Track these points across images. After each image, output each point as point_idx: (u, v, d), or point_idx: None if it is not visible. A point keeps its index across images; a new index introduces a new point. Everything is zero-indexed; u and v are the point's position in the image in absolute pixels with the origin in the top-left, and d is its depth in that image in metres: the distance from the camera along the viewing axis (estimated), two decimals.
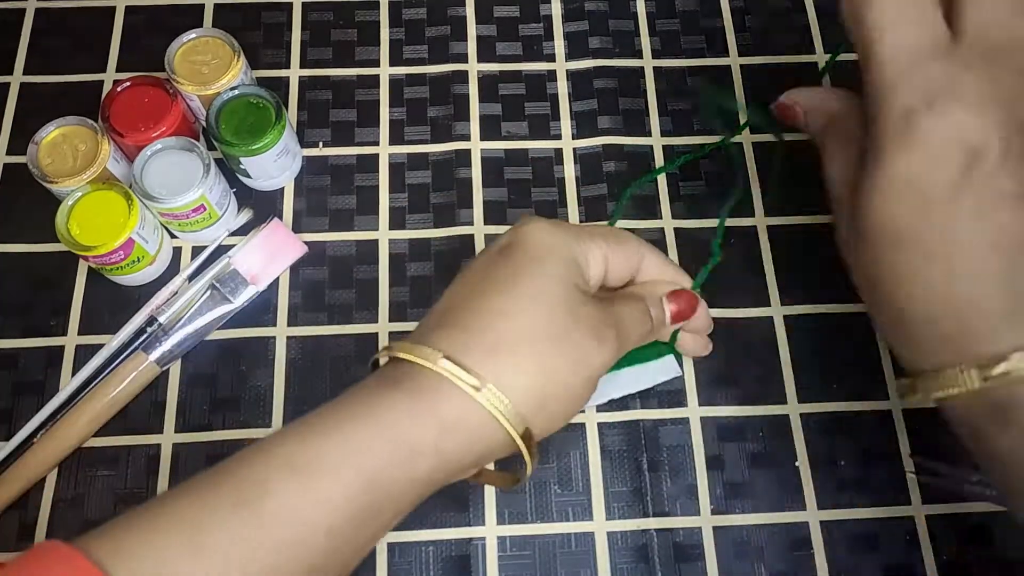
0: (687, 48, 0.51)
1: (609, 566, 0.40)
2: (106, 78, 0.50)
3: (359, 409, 0.31)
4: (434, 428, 0.30)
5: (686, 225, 0.47)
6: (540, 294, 0.32)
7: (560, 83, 0.50)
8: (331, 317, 0.45)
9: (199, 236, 0.45)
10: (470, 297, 0.33)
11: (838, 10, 0.34)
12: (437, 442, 0.30)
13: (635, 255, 0.37)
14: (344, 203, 0.47)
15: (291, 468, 0.29)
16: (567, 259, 0.34)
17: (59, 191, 0.43)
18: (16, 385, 0.43)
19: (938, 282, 0.30)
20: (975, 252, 0.30)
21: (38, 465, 0.41)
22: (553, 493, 0.41)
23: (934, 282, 0.30)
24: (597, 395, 0.39)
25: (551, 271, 0.33)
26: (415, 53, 0.51)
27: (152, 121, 0.44)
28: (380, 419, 0.30)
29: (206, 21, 0.51)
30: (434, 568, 0.40)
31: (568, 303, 0.33)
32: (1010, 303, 0.29)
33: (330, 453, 0.29)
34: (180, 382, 0.43)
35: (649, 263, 0.38)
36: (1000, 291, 0.29)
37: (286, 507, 0.28)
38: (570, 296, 0.33)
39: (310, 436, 0.30)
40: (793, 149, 0.42)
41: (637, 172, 0.48)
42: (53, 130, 0.44)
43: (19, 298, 0.45)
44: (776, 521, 0.41)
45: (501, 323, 0.32)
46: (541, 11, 0.52)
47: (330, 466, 0.29)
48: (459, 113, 0.49)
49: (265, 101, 0.44)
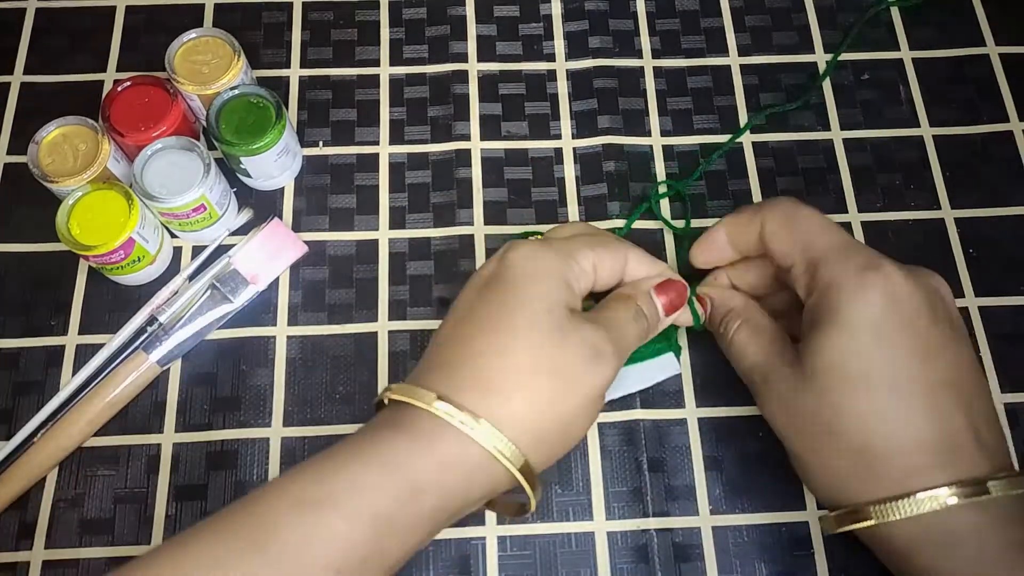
0: (687, 48, 0.51)
1: (609, 566, 0.40)
2: (106, 78, 0.50)
3: (365, 450, 0.31)
4: (434, 467, 0.31)
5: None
6: (529, 327, 0.33)
7: (560, 83, 0.50)
8: (331, 317, 0.45)
9: (199, 236, 0.45)
10: (460, 336, 0.33)
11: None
12: (438, 480, 0.31)
13: (621, 257, 0.37)
14: (344, 203, 0.47)
15: (301, 506, 0.29)
16: (555, 283, 0.34)
17: (59, 191, 0.43)
18: (16, 385, 0.43)
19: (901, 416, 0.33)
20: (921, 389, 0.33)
21: (38, 465, 0.41)
22: (553, 493, 0.41)
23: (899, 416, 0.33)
24: None
25: (538, 301, 0.33)
26: (415, 53, 0.51)
27: (152, 121, 0.44)
28: (384, 459, 0.31)
29: (206, 21, 0.52)
30: (434, 568, 0.40)
31: (559, 331, 0.33)
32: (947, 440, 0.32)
33: (338, 491, 0.30)
34: (180, 382, 0.43)
35: (634, 262, 0.38)
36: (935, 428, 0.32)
37: (296, 546, 0.29)
38: (561, 323, 0.33)
39: (320, 474, 0.31)
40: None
41: (637, 172, 0.48)
42: (53, 130, 0.44)
43: (19, 298, 0.45)
44: (776, 521, 0.41)
45: (492, 361, 0.32)
46: (541, 11, 0.52)
47: (338, 503, 0.30)
48: (459, 113, 0.49)
49: (265, 101, 0.44)
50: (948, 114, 0.50)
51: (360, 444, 0.32)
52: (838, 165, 0.48)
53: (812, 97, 0.50)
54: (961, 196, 0.48)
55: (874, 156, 0.49)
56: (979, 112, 0.50)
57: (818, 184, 0.48)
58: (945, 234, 0.47)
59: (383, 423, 0.33)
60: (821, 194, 0.48)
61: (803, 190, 0.48)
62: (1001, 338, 0.44)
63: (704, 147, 0.49)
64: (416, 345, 0.44)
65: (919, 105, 0.50)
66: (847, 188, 0.48)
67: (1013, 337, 0.44)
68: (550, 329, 0.33)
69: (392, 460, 0.31)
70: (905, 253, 0.46)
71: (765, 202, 0.38)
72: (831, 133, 0.49)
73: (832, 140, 0.49)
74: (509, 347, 0.32)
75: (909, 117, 0.50)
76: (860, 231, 0.47)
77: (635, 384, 0.42)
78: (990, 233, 0.47)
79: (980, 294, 0.45)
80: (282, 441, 0.42)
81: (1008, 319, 0.45)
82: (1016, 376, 0.44)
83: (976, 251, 0.46)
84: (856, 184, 0.48)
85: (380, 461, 0.31)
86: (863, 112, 0.50)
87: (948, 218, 0.47)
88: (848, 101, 0.50)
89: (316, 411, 0.43)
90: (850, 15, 0.52)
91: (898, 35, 0.52)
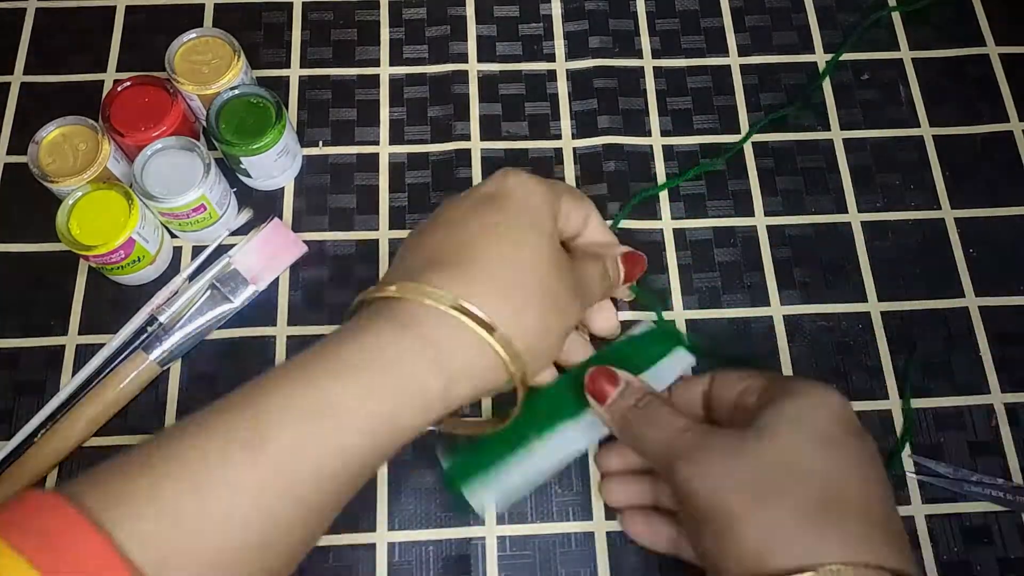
0: (687, 48, 0.51)
1: (609, 566, 0.40)
2: (106, 78, 0.50)
3: (371, 354, 0.30)
4: (444, 377, 0.31)
5: (686, 225, 0.47)
6: (536, 247, 0.33)
7: (560, 83, 0.50)
8: (331, 317, 0.45)
9: (199, 236, 0.45)
10: (465, 241, 0.33)
11: None
12: (447, 390, 0.31)
13: (585, 215, 0.39)
14: (344, 203, 0.47)
15: (299, 412, 0.29)
16: (550, 216, 0.35)
17: (59, 191, 0.43)
18: (16, 385, 0.43)
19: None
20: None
21: (38, 465, 0.40)
22: (553, 493, 0.41)
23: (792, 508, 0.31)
24: None
25: (540, 227, 0.34)
26: (415, 53, 0.51)
27: (152, 121, 0.44)
28: (392, 367, 0.30)
29: (206, 21, 0.52)
30: (434, 568, 0.40)
31: (557, 260, 0.34)
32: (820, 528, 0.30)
33: (343, 398, 0.29)
34: (180, 382, 0.43)
35: (593, 223, 0.39)
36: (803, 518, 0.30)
37: (292, 451, 0.28)
38: (558, 254, 0.34)
39: (318, 378, 0.30)
40: None
41: (637, 172, 0.48)
42: (53, 130, 0.44)
43: (19, 298, 0.45)
44: None
45: (503, 270, 0.32)
46: (541, 11, 0.52)
47: (343, 411, 0.29)
48: (459, 113, 0.49)
49: (265, 101, 0.44)
50: (948, 114, 0.50)
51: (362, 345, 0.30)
52: (838, 165, 0.48)
53: (813, 96, 0.50)
54: (961, 196, 0.48)
55: (874, 156, 0.49)
56: (979, 112, 0.50)
57: (818, 184, 0.48)
58: (945, 234, 0.47)
59: (385, 323, 0.31)
60: (821, 194, 0.48)
61: (803, 190, 0.48)
62: (1001, 338, 0.44)
63: (704, 147, 0.49)
64: None
65: (919, 105, 0.50)
66: (847, 188, 0.48)
67: (1013, 337, 0.44)
68: (553, 256, 0.34)
69: (401, 369, 0.30)
70: (905, 253, 0.46)
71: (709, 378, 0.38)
72: (831, 133, 0.49)
73: (832, 140, 0.49)
74: (521, 260, 0.33)
75: (909, 117, 0.50)
76: (860, 231, 0.47)
77: (659, 385, 0.39)
78: (990, 233, 0.47)
79: (980, 294, 0.45)
80: None
81: (1008, 319, 0.45)
82: (1016, 376, 0.44)
83: (976, 251, 0.46)
84: (856, 184, 0.48)
85: (388, 368, 0.30)
86: (863, 112, 0.50)
87: (948, 218, 0.47)
88: (848, 101, 0.50)
89: None
90: (850, 15, 0.52)
91: (898, 35, 0.52)
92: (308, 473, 0.28)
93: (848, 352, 0.44)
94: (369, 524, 0.40)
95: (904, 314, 0.45)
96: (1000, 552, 0.40)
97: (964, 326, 0.45)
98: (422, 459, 0.41)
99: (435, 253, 0.33)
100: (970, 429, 0.43)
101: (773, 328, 0.44)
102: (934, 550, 0.40)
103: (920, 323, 0.45)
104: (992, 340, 0.44)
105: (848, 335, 0.44)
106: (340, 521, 0.39)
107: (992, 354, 0.44)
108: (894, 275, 0.46)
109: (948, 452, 0.42)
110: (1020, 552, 0.40)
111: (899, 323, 0.45)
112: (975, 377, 0.44)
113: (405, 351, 0.30)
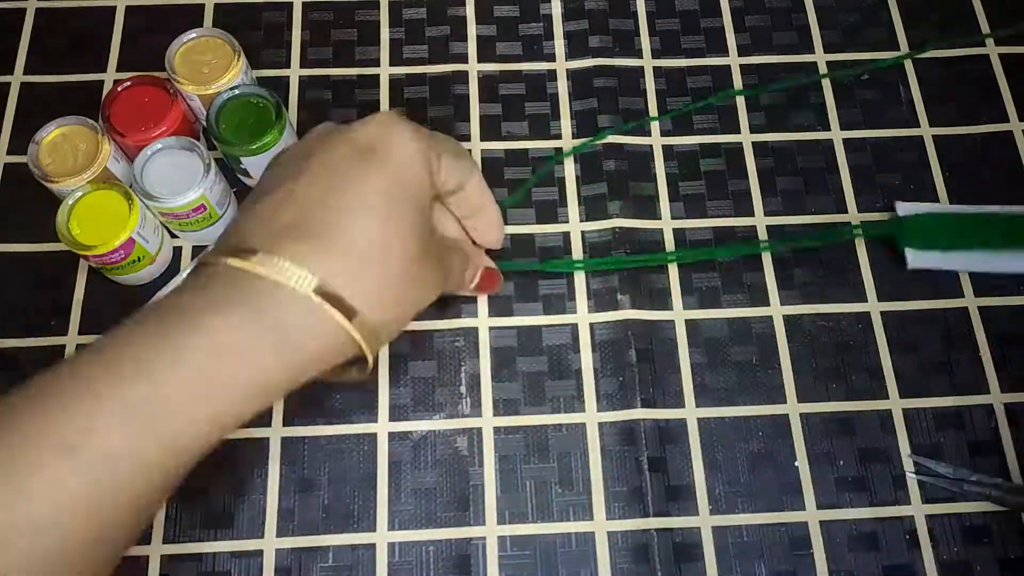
0: (687, 48, 0.51)
1: (609, 566, 0.40)
2: (106, 78, 0.50)
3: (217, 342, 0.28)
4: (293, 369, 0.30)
5: (686, 225, 0.47)
6: (412, 223, 0.33)
7: (560, 83, 0.50)
8: None
9: (199, 236, 0.45)
10: (336, 206, 0.31)
11: None
12: (292, 380, 0.31)
13: (466, 173, 0.38)
14: None
15: (129, 410, 0.26)
16: (430, 183, 0.35)
17: (60, 191, 0.43)
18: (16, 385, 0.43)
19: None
20: None
21: None
22: (553, 493, 0.41)
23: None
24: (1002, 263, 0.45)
25: (417, 199, 0.33)
26: (415, 53, 0.51)
27: (152, 121, 0.44)
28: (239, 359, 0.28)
29: (206, 21, 0.52)
30: (434, 568, 0.40)
31: (426, 230, 0.34)
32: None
33: (177, 394, 0.27)
34: None
35: (473, 183, 0.38)
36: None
37: (118, 450, 0.26)
38: (427, 223, 0.34)
39: (154, 370, 0.27)
40: None
41: (637, 171, 0.48)
42: (53, 130, 0.44)
43: (19, 298, 0.45)
44: (776, 521, 0.41)
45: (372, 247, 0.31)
46: (541, 11, 0.52)
47: (177, 409, 0.27)
48: (459, 113, 0.49)
49: (265, 101, 0.44)
50: (948, 114, 0.50)
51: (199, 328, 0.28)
52: (838, 165, 0.48)
53: (715, 100, 0.50)
54: (961, 196, 0.48)
55: (874, 156, 0.49)
56: (979, 112, 0.50)
57: (818, 184, 0.48)
58: None
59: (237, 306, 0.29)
60: (821, 194, 0.48)
61: (803, 190, 0.48)
62: (1001, 338, 0.44)
63: (703, 147, 0.49)
64: (416, 345, 0.44)
65: (919, 105, 0.50)
66: (847, 188, 0.48)
67: (1013, 337, 0.44)
68: (422, 227, 0.33)
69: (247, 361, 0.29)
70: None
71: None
72: (831, 133, 0.49)
73: (832, 140, 0.49)
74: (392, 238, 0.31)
75: (909, 117, 0.50)
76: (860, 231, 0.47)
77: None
78: None
79: (980, 294, 0.45)
80: (281, 441, 0.42)
81: (1008, 319, 0.45)
82: (1016, 376, 0.44)
83: None
84: (856, 184, 0.48)
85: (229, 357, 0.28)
86: (863, 112, 0.50)
87: None
88: (848, 101, 0.50)
89: (315, 411, 0.43)
90: (850, 15, 0.52)
91: (898, 35, 0.52)
92: (136, 474, 0.27)
93: (848, 352, 0.44)
94: (369, 524, 0.41)
95: (904, 314, 0.45)
96: (1000, 552, 0.40)
97: (964, 326, 0.45)
98: (422, 459, 0.42)
99: (301, 215, 0.31)
100: (969, 429, 0.43)
101: (773, 328, 0.45)
102: (934, 550, 0.40)
103: (920, 323, 0.45)
104: (992, 340, 0.44)
105: (848, 335, 0.44)
106: (340, 521, 0.39)
107: (992, 354, 0.44)
108: (894, 275, 0.46)
109: (947, 452, 0.42)
110: (1020, 552, 0.40)
111: (899, 323, 0.45)
112: (975, 377, 0.44)
113: (256, 343, 0.29)
